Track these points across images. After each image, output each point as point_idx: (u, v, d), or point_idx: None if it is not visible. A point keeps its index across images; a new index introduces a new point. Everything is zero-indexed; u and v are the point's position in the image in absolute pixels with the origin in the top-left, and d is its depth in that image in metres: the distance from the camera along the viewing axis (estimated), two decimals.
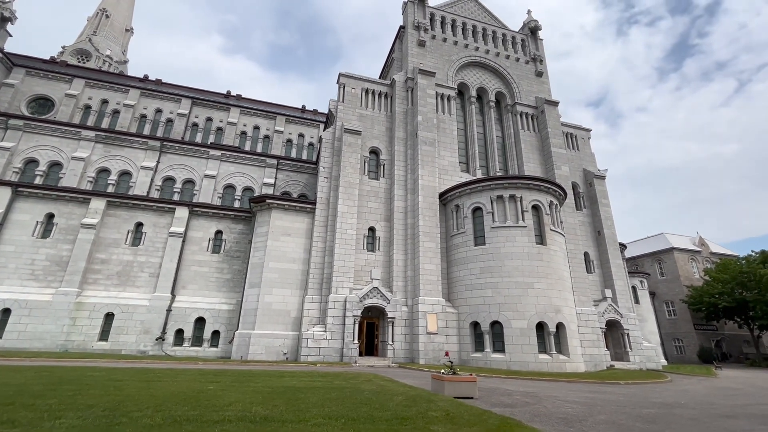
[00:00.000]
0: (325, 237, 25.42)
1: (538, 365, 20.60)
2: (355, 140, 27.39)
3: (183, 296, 25.74)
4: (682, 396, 13.32)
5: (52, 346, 22.13)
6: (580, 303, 27.02)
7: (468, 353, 22.62)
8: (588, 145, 35.91)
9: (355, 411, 6.51)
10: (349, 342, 22.22)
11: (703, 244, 55.03)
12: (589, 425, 7.57)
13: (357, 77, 30.37)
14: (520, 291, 22.05)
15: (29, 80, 37.86)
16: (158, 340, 23.84)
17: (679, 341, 50.04)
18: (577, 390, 13.42)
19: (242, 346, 22.94)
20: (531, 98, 34.13)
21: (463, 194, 25.71)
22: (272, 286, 24.26)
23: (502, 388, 12.81)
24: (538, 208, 24.39)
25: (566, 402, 10.37)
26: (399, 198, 26.89)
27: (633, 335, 28.58)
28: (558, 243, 24.22)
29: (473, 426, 5.80)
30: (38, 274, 23.73)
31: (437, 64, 31.99)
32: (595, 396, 12.00)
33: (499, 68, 33.98)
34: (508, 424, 6.22)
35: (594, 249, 31.61)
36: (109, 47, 59.15)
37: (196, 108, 42.83)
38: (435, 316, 23.26)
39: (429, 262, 24.60)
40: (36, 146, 31.06)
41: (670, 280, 52.02)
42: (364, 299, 23.37)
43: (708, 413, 9.75)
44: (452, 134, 30.11)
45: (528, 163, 31.27)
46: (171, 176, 33.56)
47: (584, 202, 33.11)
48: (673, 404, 11.05)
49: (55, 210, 25.23)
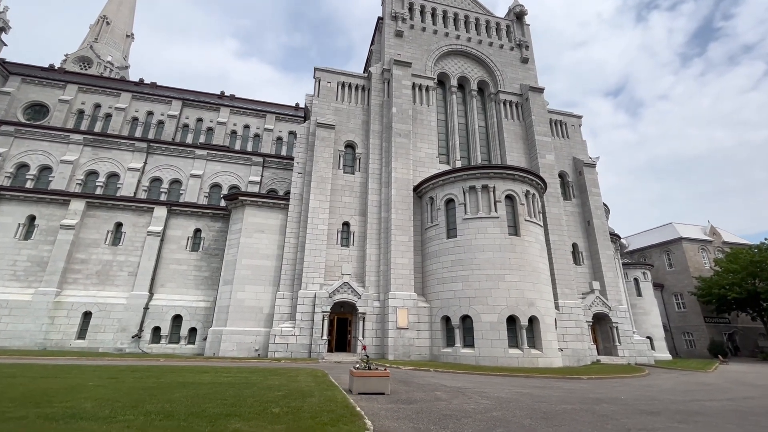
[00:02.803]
0: (297, 233, 25.26)
1: (508, 360, 19.89)
2: (328, 134, 27.08)
3: (161, 294, 26.04)
4: (633, 391, 12.52)
5: (31, 345, 22.74)
6: (563, 296, 26.08)
7: (439, 348, 22.08)
8: (579, 132, 34.55)
9: (196, 407, 6.24)
10: (317, 338, 22.01)
11: (715, 234, 52.44)
12: (468, 422, 7.07)
13: (333, 71, 30.01)
14: (491, 284, 21.34)
15: (25, 87, 39.04)
16: (134, 338, 24.21)
17: (689, 335, 47.93)
18: (518, 386, 12.78)
19: (214, 342, 23.07)
20: (516, 86, 33.04)
21: (436, 186, 25.08)
22: (244, 283, 24.27)
23: (434, 384, 12.32)
24: (512, 198, 23.54)
25: (483, 398, 9.83)
26: (373, 192, 26.47)
27: (622, 329, 27.39)
28: (534, 234, 23.32)
29: (283, 423, 5.41)
30: (19, 274, 24.42)
31: (415, 54, 31.30)
32: (528, 392, 11.38)
33: (481, 56, 33.01)
34: (339, 421, 5.81)
35: (584, 240, 30.43)
36: (110, 53, 60.61)
37: (187, 109, 43.34)
38: (406, 311, 22.79)
39: (401, 256, 24.13)
40: (27, 151, 31.97)
41: (679, 271, 49.82)
42: (334, 295, 23.10)
43: (631, 410, 9.04)
44: (430, 125, 29.42)
45: (511, 152, 30.31)
46: (158, 177, 34.01)
47: (574, 191, 31.90)
48: (604, 400, 10.34)
49: (37, 212, 25.89)
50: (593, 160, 33.42)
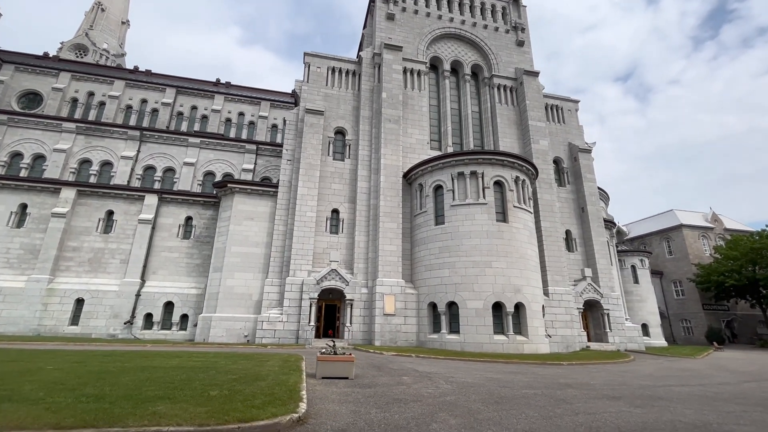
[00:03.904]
0: (286, 220, 25.23)
1: (493, 346, 19.90)
2: (317, 120, 26.80)
3: (153, 281, 26.28)
4: (607, 377, 12.46)
5: (25, 330, 23.16)
6: (554, 282, 25.94)
7: (426, 335, 22.14)
8: (575, 117, 33.88)
9: (136, 390, 6.26)
10: (304, 324, 22.16)
11: (717, 220, 51.70)
12: (415, 406, 7.04)
13: (323, 56, 29.54)
14: (477, 270, 21.23)
15: (18, 76, 38.99)
16: (127, 324, 24.54)
17: (687, 322, 47.72)
18: (493, 371, 12.77)
19: (204, 329, 23.33)
20: (510, 69, 32.33)
21: (425, 172, 24.82)
22: (234, 270, 24.39)
23: (407, 369, 12.33)
24: (501, 184, 23.24)
25: (448, 383, 9.81)
26: (363, 179, 26.27)
27: (614, 315, 27.26)
28: (523, 220, 23.07)
29: (209, 406, 5.39)
30: (13, 262, 24.73)
31: (407, 37, 30.66)
32: (499, 377, 11.34)
33: (475, 39, 32.27)
34: (271, 403, 5.79)
35: (577, 227, 30.11)
36: (106, 41, 60.19)
37: (181, 97, 43.10)
38: (393, 297, 22.82)
39: (389, 243, 24.05)
40: (20, 140, 32.03)
41: (679, 258, 49.35)
42: (322, 281, 23.16)
43: (594, 395, 8.98)
44: (421, 111, 28.97)
45: (504, 138, 29.84)
46: (152, 165, 33.99)
47: (568, 177, 31.45)
48: (572, 385, 10.28)
49: (28, 200, 26.07)
50: (589, 145, 32.85)
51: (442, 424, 5.83)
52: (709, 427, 6.48)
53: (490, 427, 5.85)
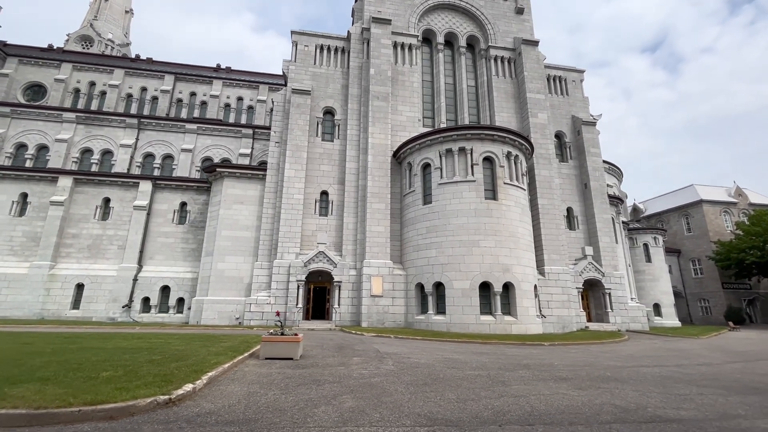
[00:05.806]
0: (275, 203, 25.08)
1: (479, 327, 19.41)
2: (304, 101, 26.23)
3: (150, 266, 26.81)
4: (580, 357, 11.83)
5: (29, 315, 24.12)
6: (550, 262, 25.02)
7: (413, 315, 21.83)
8: (580, 88, 32.02)
9: (36, 372, 6.15)
10: (292, 306, 22.20)
11: (741, 195, 48.72)
12: (330, 387, 6.71)
13: (310, 33, 28.71)
14: (464, 250, 20.58)
15: (22, 68, 39.76)
16: (125, 308, 25.22)
17: (705, 301, 45.74)
18: (459, 352, 12.33)
19: (197, 311, 23.74)
20: (509, 39, 30.65)
21: (413, 150, 24.04)
22: (225, 253, 24.55)
23: (370, 350, 12.04)
24: (491, 160, 22.26)
25: (397, 365, 9.45)
26: (351, 159, 25.71)
27: (616, 295, 26.18)
28: (514, 197, 22.12)
29: (67, 388, 5.17)
30: (16, 249, 25.64)
31: (398, 10, 29.37)
32: (458, 358, 10.90)
33: (470, 8, 30.63)
34: (168, 382, 5.55)
35: (580, 204, 28.81)
36: (111, 31, 60.65)
37: (180, 83, 43.13)
38: (380, 278, 22.50)
39: (377, 224, 23.61)
40: (24, 131, 32.86)
41: (698, 236, 46.95)
42: (309, 264, 23.04)
43: (543, 376, 8.44)
44: (413, 87, 27.92)
45: (501, 113, 28.52)
46: (150, 152, 34.37)
47: (571, 152, 29.97)
48: (531, 366, 9.75)
49: (28, 189, 26.80)
50: (594, 118, 31.10)
51: (332, 408, 5.46)
52: (643, 411, 5.89)
53: (385, 410, 5.45)
